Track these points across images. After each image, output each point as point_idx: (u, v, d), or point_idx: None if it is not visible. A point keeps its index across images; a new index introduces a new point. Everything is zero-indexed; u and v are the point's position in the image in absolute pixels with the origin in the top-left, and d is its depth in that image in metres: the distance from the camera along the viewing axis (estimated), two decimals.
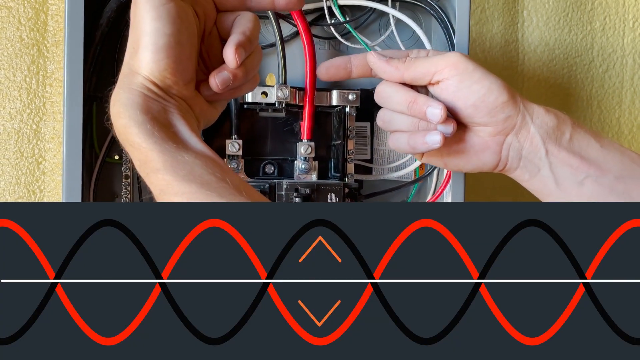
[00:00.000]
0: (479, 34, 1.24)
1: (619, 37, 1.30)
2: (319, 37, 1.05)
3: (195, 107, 0.70)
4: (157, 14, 0.63)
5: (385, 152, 1.07)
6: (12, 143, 1.08)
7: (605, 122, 1.31)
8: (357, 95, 1.02)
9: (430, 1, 1.03)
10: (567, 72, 1.28)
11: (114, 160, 0.98)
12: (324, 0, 1.01)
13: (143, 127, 0.61)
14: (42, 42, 1.09)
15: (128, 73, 0.65)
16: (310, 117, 1.00)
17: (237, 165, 0.98)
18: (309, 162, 1.01)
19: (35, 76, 1.08)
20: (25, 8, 1.08)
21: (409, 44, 1.06)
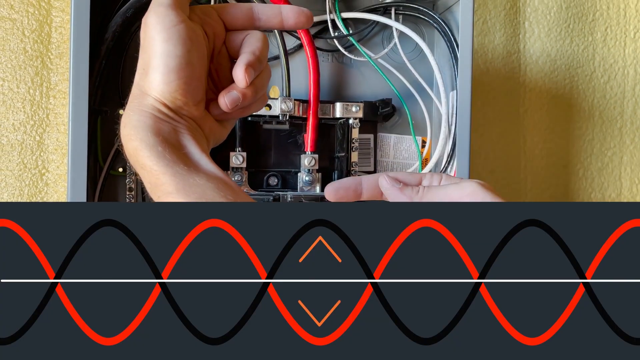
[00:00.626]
0: (481, 45, 1.25)
1: (620, 47, 1.30)
2: (323, 50, 1.05)
3: (204, 127, 0.69)
4: (167, 36, 0.63)
5: (389, 164, 1.08)
6: (16, 155, 1.08)
7: (607, 132, 1.31)
8: (360, 107, 1.02)
9: (433, 14, 1.04)
10: (569, 83, 1.29)
11: (118, 172, 0.98)
12: (327, 14, 1.02)
13: (154, 150, 0.61)
14: (45, 54, 1.09)
15: (138, 94, 0.65)
16: (313, 130, 1.01)
17: (240, 177, 0.98)
18: (313, 174, 1.02)
19: (39, 88, 1.09)
20: (29, 20, 1.09)
21: (412, 56, 1.06)
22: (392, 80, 1.05)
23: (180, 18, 0.64)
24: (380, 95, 1.06)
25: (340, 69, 1.07)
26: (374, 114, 1.05)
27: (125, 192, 0.97)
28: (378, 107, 1.04)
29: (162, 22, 0.64)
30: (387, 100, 1.05)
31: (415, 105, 1.06)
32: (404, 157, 1.08)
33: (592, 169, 1.31)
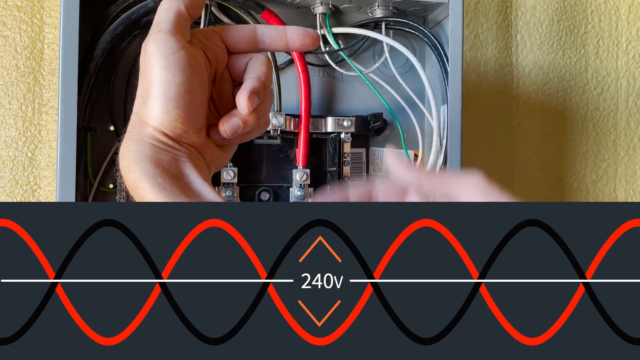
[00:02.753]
0: (473, 58, 1.25)
1: (612, 59, 1.31)
2: (314, 65, 1.06)
3: (206, 153, 0.68)
4: (166, 64, 0.62)
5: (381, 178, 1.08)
6: (7, 171, 1.08)
7: (601, 144, 1.32)
8: (352, 121, 1.03)
9: (423, 28, 1.04)
10: (562, 95, 1.29)
11: (108, 189, 0.98)
12: (318, 29, 1.02)
13: (154, 181, 0.59)
14: (38, 70, 1.09)
15: (137, 123, 0.63)
16: (305, 144, 1.01)
17: (232, 193, 0.98)
18: (305, 189, 1.02)
19: (31, 104, 1.09)
20: (21, 37, 1.09)
21: (402, 70, 1.07)
22: (383, 94, 1.06)
23: (180, 45, 0.63)
24: (371, 109, 1.06)
25: (331, 83, 1.07)
26: (366, 128, 1.05)
27: None
28: (369, 122, 1.04)
29: (162, 49, 0.62)
30: (378, 114, 1.05)
31: (406, 119, 1.06)
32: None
33: (587, 181, 1.32)
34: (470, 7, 1.26)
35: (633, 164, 1.32)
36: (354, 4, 1.03)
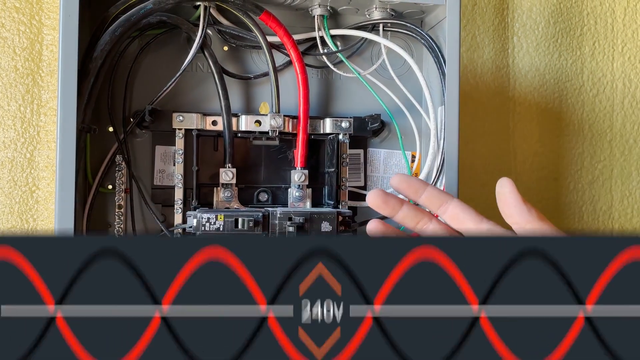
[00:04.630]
0: (470, 60, 1.25)
1: (608, 61, 1.31)
2: (312, 66, 1.06)
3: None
4: None
5: (379, 179, 1.08)
6: (6, 172, 1.08)
7: (597, 145, 1.32)
8: (350, 122, 1.03)
9: (421, 31, 1.04)
10: (558, 97, 1.29)
11: (107, 190, 0.98)
12: (316, 31, 1.02)
13: None
14: (36, 71, 1.09)
15: None
16: (303, 145, 1.01)
17: (230, 194, 0.98)
18: (303, 190, 1.02)
19: (29, 105, 1.08)
20: (20, 38, 1.09)
21: (400, 72, 1.06)
22: (380, 95, 1.05)
23: None
24: (369, 110, 1.06)
25: (329, 85, 1.07)
26: (364, 130, 1.05)
27: (115, 210, 0.97)
28: (367, 123, 1.04)
29: None
30: (376, 115, 1.05)
31: (404, 120, 1.06)
32: (394, 172, 1.08)
33: (583, 182, 1.32)
34: (467, 9, 1.26)
35: (629, 165, 1.33)
36: (352, 6, 1.03)
